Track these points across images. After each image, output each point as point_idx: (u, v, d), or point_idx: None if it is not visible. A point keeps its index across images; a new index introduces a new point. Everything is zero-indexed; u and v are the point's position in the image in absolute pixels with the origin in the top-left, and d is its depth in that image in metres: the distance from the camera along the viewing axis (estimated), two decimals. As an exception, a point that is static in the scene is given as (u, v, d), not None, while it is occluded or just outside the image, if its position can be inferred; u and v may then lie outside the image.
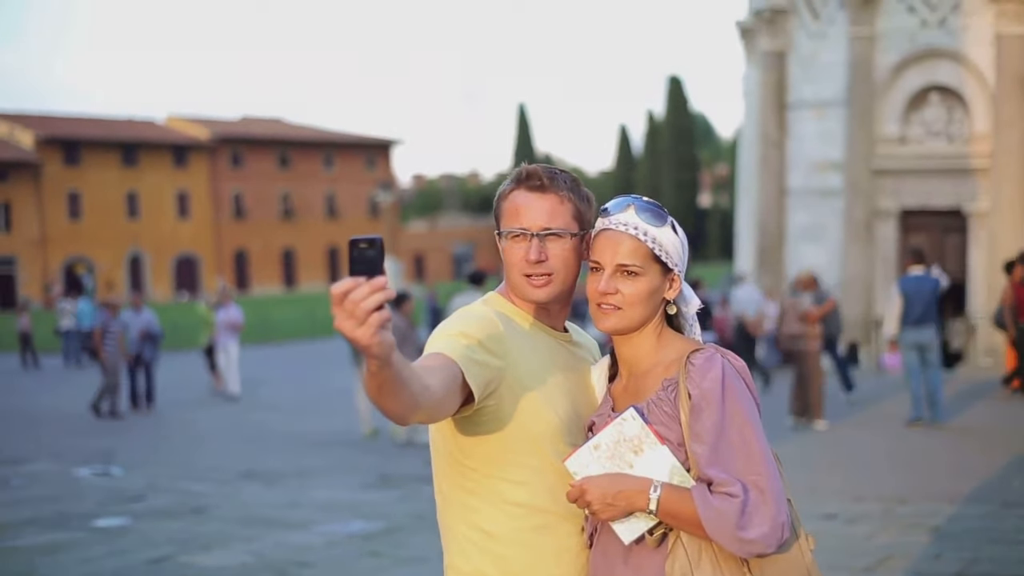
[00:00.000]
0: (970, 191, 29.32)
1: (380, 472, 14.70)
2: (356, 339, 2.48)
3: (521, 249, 3.22)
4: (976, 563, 9.11)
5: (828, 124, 30.89)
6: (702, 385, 3.06)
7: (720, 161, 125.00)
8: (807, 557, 3.19)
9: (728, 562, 3.05)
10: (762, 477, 2.99)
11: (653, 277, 3.18)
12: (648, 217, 3.17)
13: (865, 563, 9.20)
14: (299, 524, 11.64)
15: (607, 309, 3.18)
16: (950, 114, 29.73)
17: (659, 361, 3.23)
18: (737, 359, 3.17)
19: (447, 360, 2.99)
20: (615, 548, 3.15)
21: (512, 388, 3.16)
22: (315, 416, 21.67)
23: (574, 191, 3.27)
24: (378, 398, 2.71)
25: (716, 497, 2.96)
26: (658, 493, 3.00)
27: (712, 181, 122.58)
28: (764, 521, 2.94)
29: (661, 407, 3.12)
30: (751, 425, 3.05)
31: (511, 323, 3.27)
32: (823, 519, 10.75)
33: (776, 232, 31.63)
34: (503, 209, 3.27)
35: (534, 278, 3.23)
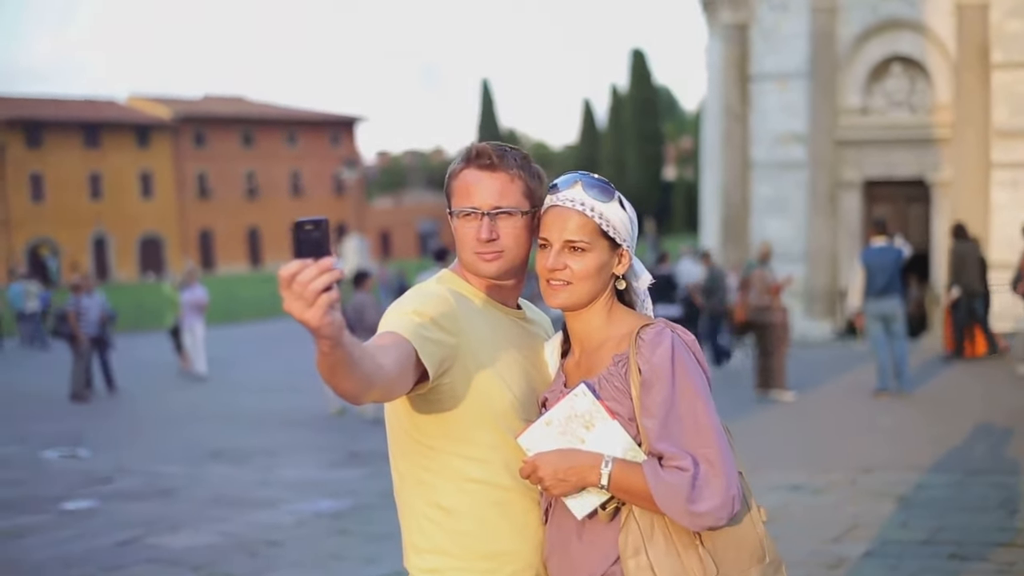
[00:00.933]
0: (932, 161, 29.45)
1: (348, 450, 14.72)
2: (305, 321, 2.49)
3: (472, 228, 3.22)
4: (942, 531, 9.17)
5: (791, 96, 30.97)
6: (652, 360, 3.07)
7: (684, 134, 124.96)
8: (759, 528, 3.20)
9: (681, 535, 3.07)
10: (712, 450, 3.00)
11: (601, 252, 3.19)
12: (595, 193, 3.19)
13: (832, 533, 9.25)
14: (268, 503, 11.65)
15: (556, 285, 3.20)
16: (912, 84, 29.85)
17: (610, 336, 3.24)
18: (687, 333, 3.18)
19: (400, 338, 3.00)
20: (569, 523, 3.16)
21: (466, 365, 3.16)
22: (283, 395, 21.65)
23: (524, 168, 3.27)
24: (331, 378, 2.71)
25: (667, 471, 2.98)
26: (609, 468, 3.01)
27: (677, 154, 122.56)
28: (715, 494, 2.95)
29: (612, 382, 3.14)
30: (701, 399, 3.06)
31: (464, 300, 3.28)
32: (790, 490, 10.80)
33: (741, 205, 31.71)
34: (454, 188, 3.28)
35: (485, 254, 3.24)
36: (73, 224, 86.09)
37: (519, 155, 3.29)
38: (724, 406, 3.33)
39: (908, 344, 17.47)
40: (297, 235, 2.52)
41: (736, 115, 31.68)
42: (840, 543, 8.95)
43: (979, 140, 28.13)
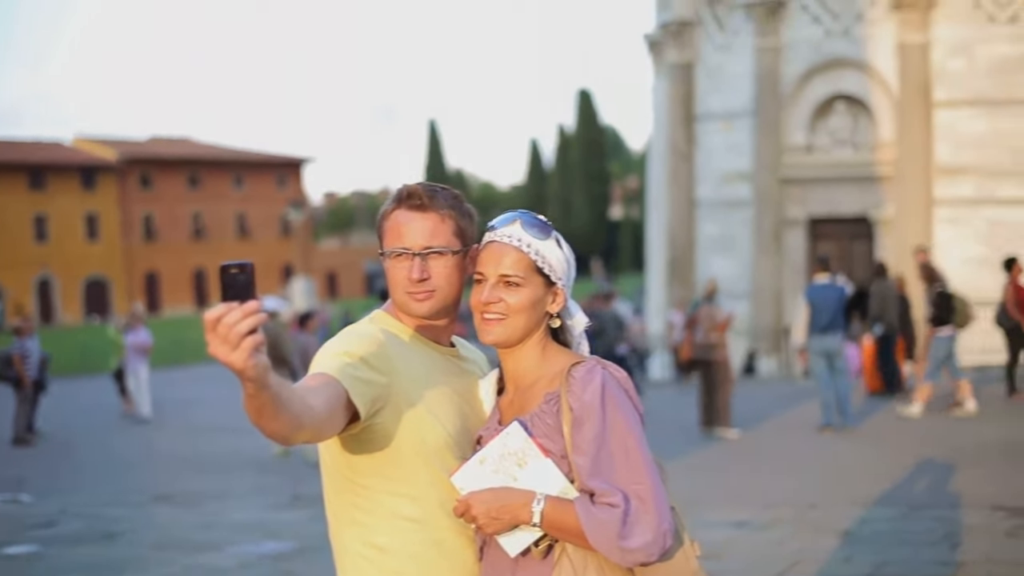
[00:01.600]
0: (876, 198, 29.72)
1: (292, 492, 14.62)
2: (230, 364, 2.51)
3: (404, 268, 3.23)
4: (885, 565, 9.21)
5: (736, 135, 31.22)
6: (583, 398, 3.08)
7: (631, 174, 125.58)
8: (692, 563, 3.20)
9: (615, 571, 3.08)
10: (644, 487, 3.01)
11: (536, 288, 3.20)
12: (533, 231, 3.20)
13: (776, 569, 9.27)
14: (212, 546, 11.54)
15: (490, 320, 3.20)
16: (855, 122, 30.15)
17: (543, 375, 3.24)
18: (619, 370, 3.19)
19: (330, 379, 3.01)
20: (503, 560, 3.16)
21: (399, 404, 3.17)
22: (227, 437, 21.49)
23: (455, 208, 3.28)
24: (258, 420, 2.73)
25: (598, 507, 2.99)
26: (541, 506, 3.02)
27: (623, 194, 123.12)
28: (646, 530, 2.96)
29: (544, 420, 3.14)
30: (632, 435, 3.07)
31: (396, 340, 3.28)
32: (734, 526, 10.82)
33: (686, 243, 31.91)
34: (385, 229, 3.29)
35: (417, 294, 3.24)
36: (17, 266, 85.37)
37: (450, 195, 3.31)
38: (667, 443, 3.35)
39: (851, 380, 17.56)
40: (223, 279, 2.54)
41: (682, 154, 31.90)
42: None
43: (921, 177, 28.42)
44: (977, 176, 28.46)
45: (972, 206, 28.35)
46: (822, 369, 16.85)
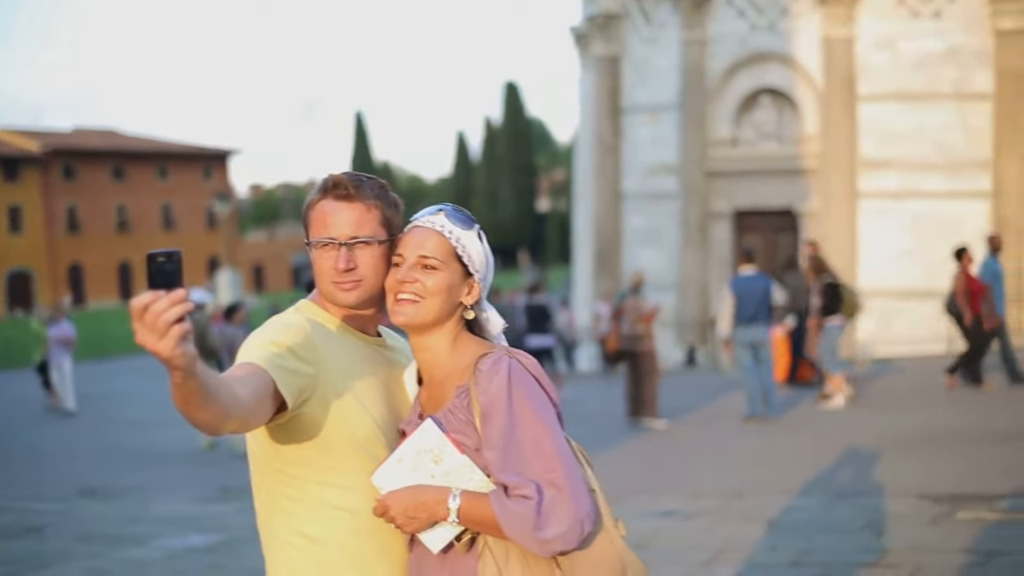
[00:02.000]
0: (801, 191, 29.96)
1: (219, 485, 14.55)
2: (157, 352, 2.51)
3: (330, 258, 3.24)
4: (810, 553, 9.30)
5: (662, 128, 31.35)
6: (489, 390, 3.09)
7: (558, 166, 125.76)
8: (618, 544, 3.20)
9: (537, 561, 3.09)
10: (557, 474, 3.01)
11: (453, 275, 3.21)
12: (456, 220, 3.23)
13: (703, 557, 9.35)
14: (139, 539, 11.48)
15: (404, 300, 3.19)
16: (780, 116, 30.37)
17: (455, 367, 3.25)
18: (528, 358, 3.20)
19: (257, 369, 3.01)
20: (432, 555, 3.18)
21: (326, 394, 3.17)
22: (153, 430, 21.36)
23: (381, 198, 3.29)
24: (185, 409, 2.72)
25: (512, 500, 3.00)
26: (457, 502, 3.03)
27: (550, 186, 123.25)
28: (562, 519, 2.97)
29: (456, 415, 3.15)
30: (542, 423, 3.08)
31: (323, 330, 3.29)
32: (661, 516, 10.90)
33: (613, 236, 32.00)
34: (311, 218, 3.28)
35: (343, 283, 3.25)
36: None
37: (376, 184, 3.31)
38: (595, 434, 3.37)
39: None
40: (150, 267, 2.54)
41: (608, 147, 31.99)
42: (710, 567, 9.05)
43: (846, 171, 28.69)
44: (901, 169, 28.74)
45: (896, 199, 28.63)
46: (747, 360, 16.98)
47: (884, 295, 27.98)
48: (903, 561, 8.86)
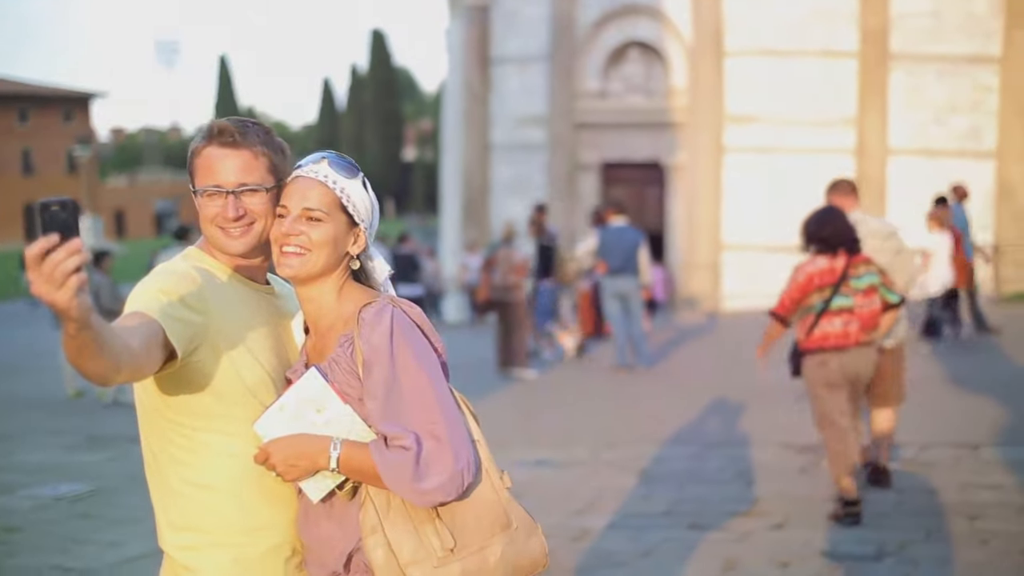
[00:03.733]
0: (668, 144, 30.16)
1: (87, 433, 14.32)
2: (54, 302, 2.48)
3: (217, 206, 3.20)
4: (682, 502, 9.44)
5: (531, 79, 31.33)
6: (371, 340, 3.08)
7: (424, 116, 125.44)
8: (502, 495, 3.21)
9: (417, 511, 3.09)
10: (438, 425, 3.02)
11: (338, 226, 3.18)
12: (340, 170, 3.20)
13: (577, 506, 9.43)
14: (4, 488, 11.27)
15: (289, 253, 3.17)
16: (649, 70, 30.50)
17: (339, 316, 3.24)
18: (412, 307, 3.20)
19: (147, 319, 2.97)
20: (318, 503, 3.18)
21: (215, 343, 3.15)
22: (15, 378, 20.99)
23: (268, 144, 3.25)
24: (78, 360, 2.69)
25: (392, 450, 2.99)
26: (338, 451, 3.02)
27: (416, 136, 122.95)
28: (442, 470, 2.98)
29: (340, 364, 3.14)
30: (424, 373, 3.08)
31: (211, 278, 3.25)
32: (535, 465, 10.97)
33: (481, 186, 31.98)
34: (196, 165, 3.24)
35: (231, 231, 3.22)
36: None
37: (262, 130, 3.28)
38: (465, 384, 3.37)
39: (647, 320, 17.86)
40: (43, 216, 2.49)
41: (477, 97, 31.92)
42: (584, 516, 9.13)
43: (712, 125, 28.91)
44: (767, 124, 29.04)
45: (762, 154, 28.93)
46: (615, 311, 17.10)
47: (749, 249, 28.34)
48: (774, 510, 9.03)
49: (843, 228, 8.65)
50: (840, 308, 8.49)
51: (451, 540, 3.10)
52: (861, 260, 8.61)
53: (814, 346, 8.59)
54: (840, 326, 8.47)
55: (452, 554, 3.10)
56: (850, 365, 8.51)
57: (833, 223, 8.68)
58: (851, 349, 8.49)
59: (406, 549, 3.06)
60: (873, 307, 8.52)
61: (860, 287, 8.52)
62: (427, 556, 3.07)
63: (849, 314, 8.47)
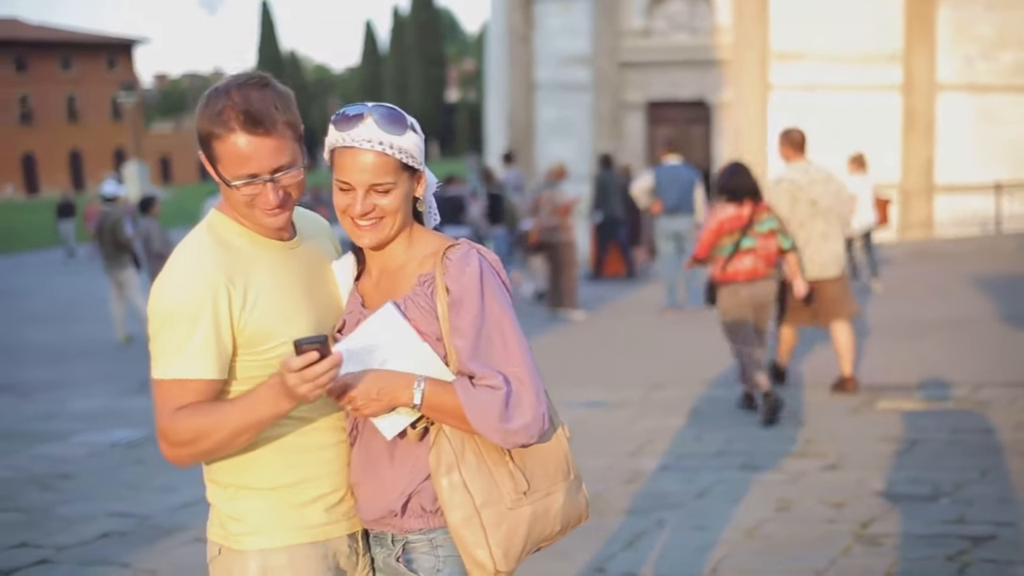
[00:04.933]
0: (713, 83, 29.96)
1: (139, 379, 14.41)
2: (305, 397, 2.86)
3: (255, 191, 3.11)
4: (733, 443, 9.42)
5: (574, 17, 31.13)
6: (460, 280, 3.08)
7: (467, 56, 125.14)
8: (564, 445, 3.27)
9: (491, 452, 3.11)
10: (522, 370, 3.03)
11: (404, 184, 3.15)
12: (388, 127, 3.09)
13: (628, 447, 9.42)
14: (58, 436, 11.36)
15: (364, 226, 3.14)
16: (693, 7, 30.27)
17: (411, 257, 3.23)
18: (491, 254, 3.19)
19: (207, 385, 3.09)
20: (378, 444, 3.18)
21: (253, 313, 3.12)
22: (66, 325, 21.13)
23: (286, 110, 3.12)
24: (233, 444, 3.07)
25: (479, 389, 2.99)
26: (422, 387, 3.01)
27: (459, 77, 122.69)
28: (526, 412, 2.99)
29: (417, 302, 3.13)
30: (508, 319, 3.09)
31: (235, 250, 3.18)
32: (585, 407, 10.97)
33: (525, 126, 31.85)
34: (220, 152, 3.11)
35: (273, 210, 3.15)
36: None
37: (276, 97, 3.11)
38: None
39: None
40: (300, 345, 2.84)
41: (520, 36, 31.74)
42: (636, 457, 9.12)
43: (758, 62, 28.67)
44: (812, 61, 28.79)
45: (808, 91, 28.70)
46: (669, 251, 17.01)
47: (795, 186, 28.15)
48: (827, 451, 8.99)
49: (747, 181, 10.33)
50: (747, 249, 10.20)
51: (524, 483, 3.14)
52: (763, 208, 10.31)
53: (728, 279, 10.28)
54: (749, 263, 10.18)
55: (524, 497, 3.13)
56: (757, 294, 10.28)
57: (739, 176, 10.36)
58: (757, 281, 10.24)
59: (481, 490, 3.08)
60: (771, 248, 10.24)
61: (762, 231, 10.22)
62: (500, 498, 3.10)
63: (754, 253, 10.19)
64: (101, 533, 7.95)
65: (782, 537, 6.97)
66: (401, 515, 3.17)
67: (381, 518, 3.21)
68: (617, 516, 7.48)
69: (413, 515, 3.16)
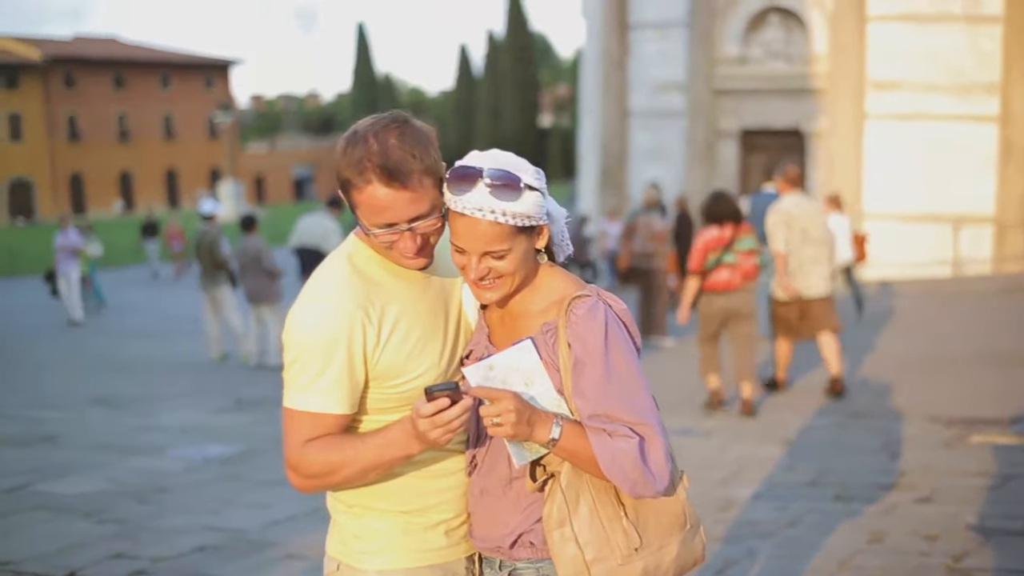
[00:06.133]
0: (808, 111, 29.85)
1: (234, 396, 14.59)
2: (436, 441, 2.96)
3: (393, 238, 3.12)
4: (826, 473, 9.37)
5: (670, 44, 31.16)
6: (585, 338, 3.03)
7: (560, 81, 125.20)
8: (682, 497, 3.22)
9: (606, 507, 3.09)
10: (648, 427, 3.01)
11: (521, 245, 3.09)
12: (501, 194, 3.01)
13: (720, 475, 9.41)
14: (155, 449, 11.52)
15: (486, 285, 3.12)
16: (789, 35, 30.18)
17: (533, 301, 3.20)
18: (618, 302, 3.15)
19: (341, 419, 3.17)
20: (497, 478, 3.20)
21: (380, 362, 3.15)
22: (161, 341, 21.42)
23: (423, 157, 3.09)
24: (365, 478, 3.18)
25: (616, 438, 2.97)
26: (560, 428, 2.99)
27: (553, 101, 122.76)
28: (657, 467, 2.98)
29: (541, 350, 3.09)
30: (634, 374, 3.06)
31: (373, 283, 3.21)
32: (679, 433, 10.94)
33: (619, 153, 31.90)
34: (359, 201, 3.10)
35: (413, 256, 3.17)
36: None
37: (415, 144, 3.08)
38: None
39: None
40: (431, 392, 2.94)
41: (615, 62, 31.81)
42: (728, 486, 9.11)
43: (854, 91, 28.51)
44: (909, 91, 28.61)
45: (903, 121, 28.52)
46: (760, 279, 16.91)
47: (889, 218, 27.99)
48: (920, 483, 8.92)
49: (728, 207, 11.93)
50: (727, 264, 11.82)
51: (637, 539, 3.11)
52: (744, 230, 11.95)
53: (707, 289, 11.96)
54: (725, 276, 11.82)
55: (635, 553, 3.11)
56: (729, 304, 11.88)
57: (721, 203, 11.95)
58: (731, 293, 11.84)
59: (593, 546, 3.06)
60: (749, 265, 11.88)
61: (742, 249, 11.85)
62: (611, 553, 3.08)
63: (733, 268, 11.81)
64: (196, 546, 8.06)
65: (874, 569, 6.93)
66: (509, 550, 3.20)
67: (491, 546, 3.24)
68: (708, 544, 7.46)
69: (523, 547, 3.18)
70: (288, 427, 3.16)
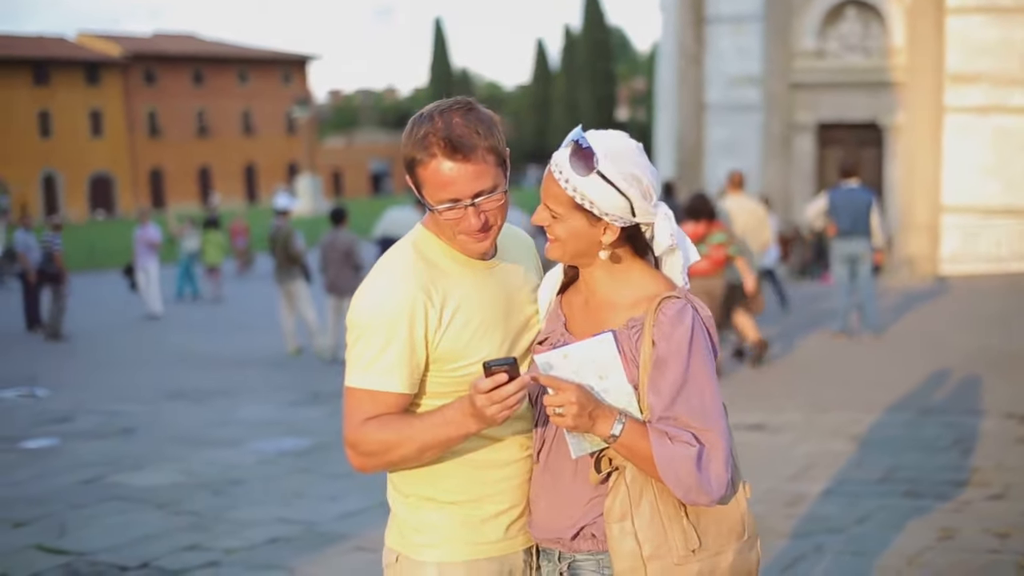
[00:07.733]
0: (886, 105, 29.59)
1: (308, 389, 14.69)
2: (493, 418, 2.97)
3: (457, 215, 3.17)
4: (897, 469, 9.32)
5: (746, 38, 31.01)
6: (672, 338, 3.05)
7: (637, 75, 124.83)
8: (742, 506, 3.23)
9: (667, 507, 3.11)
10: (714, 434, 3.03)
11: (575, 222, 3.13)
12: (575, 163, 3.08)
13: (790, 471, 9.39)
14: (229, 442, 11.66)
15: (549, 238, 3.20)
16: (866, 28, 29.93)
17: (620, 294, 3.22)
18: (704, 308, 3.17)
19: (401, 399, 3.20)
20: (563, 470, 3.22)
21: (441, 344, 3.19)
22: (238, 335, 21.61)
23: (488, 135, 3.16)
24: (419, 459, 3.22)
25: (676, 444, 3.00)
26: (622, 426, 3.01)
27: (629, 95, 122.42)
28: (712, 477, 3.00)
29: (621, 344, 3.11)
30: (710, 382, 3.07)
31: (436, 268, 3.25)
32: (748, 429, 10.93)
33: (695, 146, 31.77)
34: (423, 178, 3.16)
35: (476, 235, 3.21)
36: (22, 162, 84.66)
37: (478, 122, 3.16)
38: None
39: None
40: (489, 366, 2.96)
41: (691, 57, 31.69)
42: (798, 481, 9.09)
43: (932, 84, 28.23)
44: (988, 84, 28.31)
45: (982, 114, 28.23)
46: (843, 274, 16.78)
47: (967, 211, 27.75)
48: (992, 480, 8.87)
49: (704, 206, 13.78)
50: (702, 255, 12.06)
51: (696, 541, 3.13)
52: (716, 226, 13.77)
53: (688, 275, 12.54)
54: (701, 265, 12.87)
55: (692, 555, 3.12)
56: (701, 287, 13.10)
57: (698, 202, 13.84)
58: (706, 278, 13.37)
59: (651, 543, 3.09)
60: (718, 255, 13.60)
61: (713, 242, 13.59)
62: (669, 552, 3.10)
63: (706, 258, 13.36)
64: (268, 538, 8.16)
65: (944, 566, 6.90)
66: (570, 541, 3.22)
67: (551, 537, 3.26)
68: (777, 539, 7.47)
69: (584, 539, 3.20)
70: (348, 405, 3.24)
